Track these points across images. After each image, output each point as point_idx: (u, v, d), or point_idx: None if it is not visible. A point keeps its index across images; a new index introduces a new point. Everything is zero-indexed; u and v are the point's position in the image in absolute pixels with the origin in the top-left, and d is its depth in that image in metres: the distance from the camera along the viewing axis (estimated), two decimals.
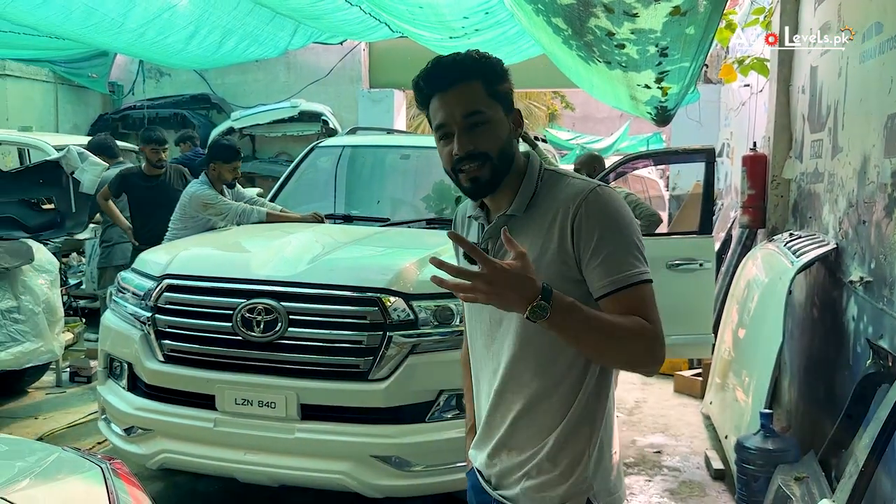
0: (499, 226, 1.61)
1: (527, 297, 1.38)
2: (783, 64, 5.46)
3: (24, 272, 5.00)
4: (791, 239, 4.59)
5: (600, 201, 1.55)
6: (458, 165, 1.58)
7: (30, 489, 1.56)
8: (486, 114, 1.58)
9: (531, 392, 1.61)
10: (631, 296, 1.53)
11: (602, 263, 1.52)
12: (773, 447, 3.58)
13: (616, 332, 1.48)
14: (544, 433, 1.62)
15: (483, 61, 1.61)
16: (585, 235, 1.53)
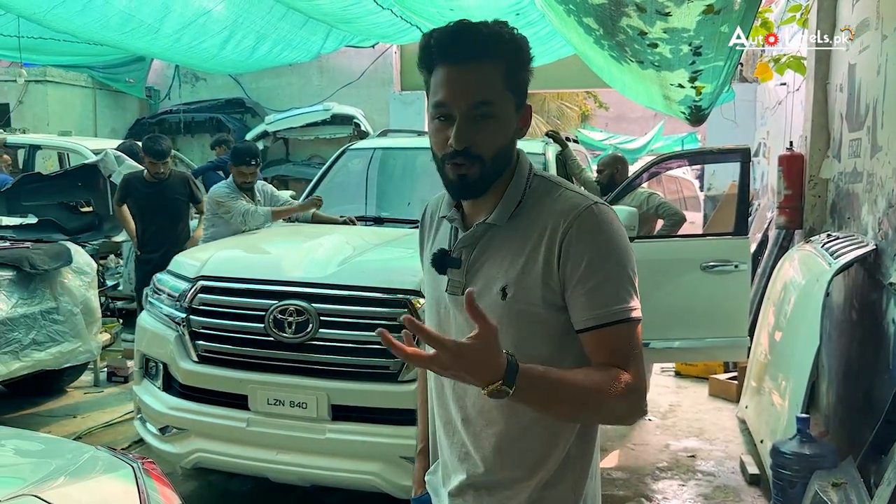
0: (476, 235, 1.44)
1: (487, 379, 1.20)
2: (820, 62, 5.37)
3: (62, 274, 5.10)
4: (829, 240, 4.51)
5: (595, 221, 1.37)
6: (449, 158, 1.38)
7: (63, 488, 1.59)
8: (496, 107, 1.36)
9: (501, 429, 1.44)
10: (616, 335, 1.36)
11: (588, 293, 1.35)
12: (810, 452, 3.51)
13: (590, 399, 1.31)
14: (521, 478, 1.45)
15: (512, 42, 1.39)
16: (574, 258, 1.35)
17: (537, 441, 1.44)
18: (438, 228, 1.57)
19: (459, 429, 1.49)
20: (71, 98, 11.41)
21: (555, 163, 4.83)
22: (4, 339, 4.61)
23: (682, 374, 6.57)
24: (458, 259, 1.46)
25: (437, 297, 1.52)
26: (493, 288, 1.41)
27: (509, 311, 1.38)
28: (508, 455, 1.45)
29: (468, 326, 1.34)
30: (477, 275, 1.44)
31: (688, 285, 4.67)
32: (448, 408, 1.51)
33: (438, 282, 1.51)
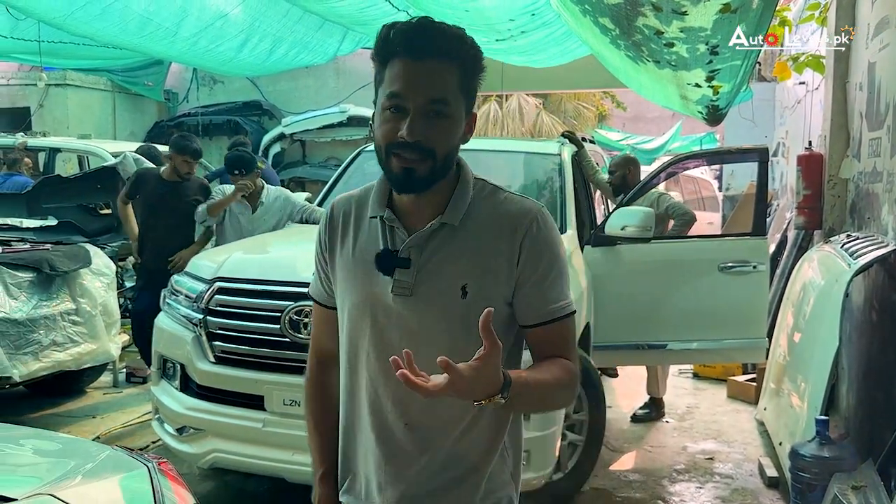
0: (429, 235, 1.43)
1: (488, 393, 1.24)
2: (839, 60, 5.31)
3: (81, 275, 5.14)
4: (848, 240, 4.46)
5: (548, 225, 1.45)
6: (397, 149, 1.36)
7: (79, 487, 1.60)
8: (451, 107, 1.38)
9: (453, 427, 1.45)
10: (561, 328, 1.45)
11: (545, 291, 1.43)
12: (830, 455, 3.48)
13: (556, 393, 1.41)
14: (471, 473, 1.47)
15: (469, 46, 1.40)
16: (533, 258, 1.42)
17: (486, 432, 1.47)
18: (359, 229, 1.51)
19: (400, 436, 1.46)
20: (90, 101, 11.52)
21: (570, 164, 4.81)
22: (25, 340, 4.66)
23: (700, 375, 6.53)
24: (408, 259, 1.43)
25: (371, 300, 1.45)
26: (453, 287, 1.41)
27: (469, 309, 1.38)
28: (460, 452, 1.46)
29: (417, 329, 1.41)
30: (430, 275, 1.42)
31: (706, 286, 4.64)
32: (383, 416, 1.46)
33: (374, 283, 1.45)
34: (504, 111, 20.35)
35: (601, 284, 4.42)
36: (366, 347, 1.47)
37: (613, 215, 4.51)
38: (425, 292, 1.41)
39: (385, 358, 1.40)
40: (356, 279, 1.48)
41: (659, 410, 5.46)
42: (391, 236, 1.45)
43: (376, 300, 1.45)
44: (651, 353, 4.80)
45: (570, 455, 3.94)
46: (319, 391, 1.63)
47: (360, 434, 1.51)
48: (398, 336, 1.43)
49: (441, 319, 1.41)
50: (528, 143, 7.03)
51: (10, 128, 10.50)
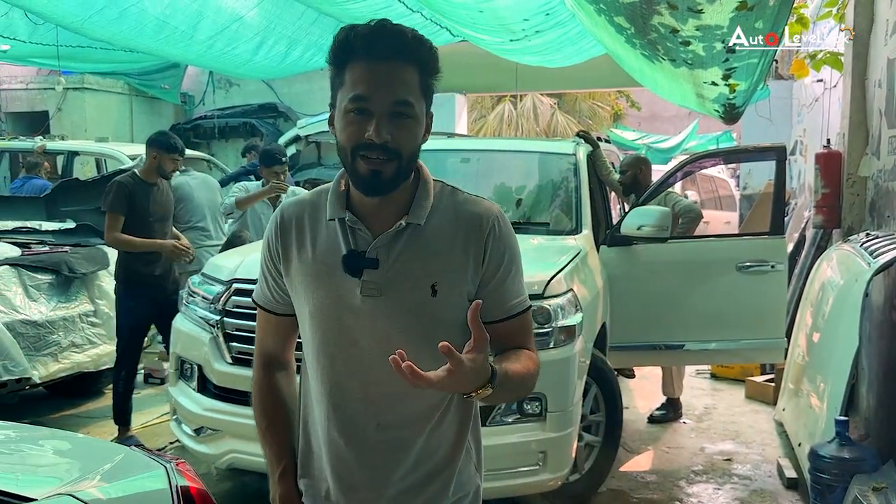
0: (396, 235, 1.44)
1: (478, 385, 1.30)
2: (858, 58, 5.27)
3: (99, 277, 5.19)
4: (868, 239, 4.42)
5: (508, 224, 1.51)
6: (364, 151, 1.36)
7: (97, 487, 1.62)
8: (414, 108, 1.39)
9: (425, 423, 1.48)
10: (522, 321, 1.52)
11: (506, 288, 1.49)
12: (850, 456, 3.44)
13: (522, 383, 1.45)
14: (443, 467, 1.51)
15: (426, 47, 1.41)
16: (496, 258, 1.47)
17: (453, 428, 1.52)
18: (316, 232, 1.49)
19: (371, 436, 1.46)
20: (108, 104, 11.62)
21: (585, 163, 4.80)
22: (44, 342, 4.71)
23: (717, 376, 6.48)
24: (376, 260, 1.43)
25: (337, 302, 1.44)
26: (422, 286, 1.43)
27: (439, 307, 1.44)
28: (430, 449, 1.49)
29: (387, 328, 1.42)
30: (399, 275, 1.43)
31: (723, 286, 4.61)
32: (352, 418, 1.46)
33: (338, 286, 1.44)
34: (518, 111, 20.34)
35: (617, 284, 4.40)
36: (331, 350, 1.46)
37: (629, 215, 4.49)
38: (395, 292, 1.42)
39: (353, 360, 1.44)
40: (318, 282, 1.46)
41: (676, 411, 5.43)
42: (353, 238, 1.45)
43: (342, 302, 1.44)
44: (668, 354, 4.78)
45: (587, 456, 3.92)
46: (269, 393, 1.61)
47: (325, 437, 1.49)
48: (367, 337, 1.43)
49: (412, 318, 1.43)
50: (543, 143, 7.02)
51: (29, 131, 10.62)
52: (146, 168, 4.74)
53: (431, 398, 1.46)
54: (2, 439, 2.08)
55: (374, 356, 1.42)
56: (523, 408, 3.29)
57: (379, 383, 1.44)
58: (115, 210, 4.54)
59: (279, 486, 1.59)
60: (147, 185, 4.66)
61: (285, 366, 1.63)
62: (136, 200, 4.58)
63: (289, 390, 1.62)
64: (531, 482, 3.32)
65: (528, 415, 3.31)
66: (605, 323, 4.19)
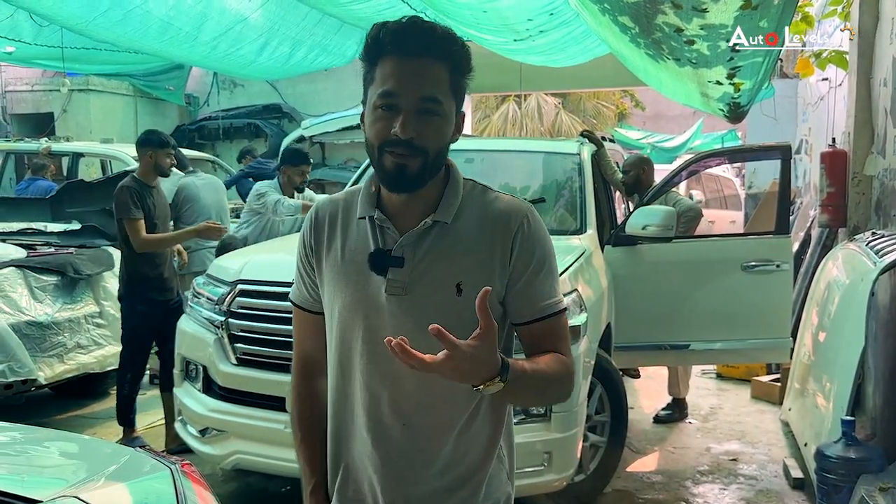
0: (422, 233, 1.43)
1: (486, 376, 1.25)
2: (863, 56, 5.25)
3: (105, 279, 5.20)
4: (874, 238, 4.40)
5: (539, 223, 1.47)
6: (390, 147, 1.36)
7: (102, 489, 1.62)
8: (442, 105, 1.38)
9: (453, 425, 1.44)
10: (554, 324, 1.46)
11: (534, 288, 1.44)
12: (856, 456, 3.43)
13: (552, 385, 1.41)
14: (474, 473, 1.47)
15: (458, 46, 1.40)
16: (524, 257, 1.43)
17: (484, 431, 1.47)
18: (347, 230, 1.49)
19: (397, 437, 1.44)
20: (113, 106, 11.65)
21: (590, 163, 4.79)
22: (49, 343, 4.72)
23: (723, 376, 6.47)
24: (401, 258, 1.42)
25: (364, 301, 1.44)
26: (447, 285, 1.41)
27: (465, 307, 1.37)
28: (460, 453, 1.45)
29: (412, 328, 1.37)
30: (424, 273, 1.42)
31: (728, 286, 4.60)
32: (379, 418, 1.44)
33: (366, 284, 1.44)
34: (523, 111, 20.33)
35: (622, 284, 4.39)
36: (358, 349, 1.45)
37: (634, 214, 4.48)
38: (420, 291, 1.41)
39: (379, 359, 1.42)
40: (347, 280, 1.46)
41: (682, 411, 5.41)
42: (382, 236, 1.45)
43: (368, 300, 1.43)
44: (673, 354, 4.77)
45: (593, 456, 3.92)
46: (307, 401, 1.59)
47: (354, 438, 1.48)
48: (392, 335, 1.36)
49: (436, 317, 1.35)
50: (547, 142, 7.01)
51: (35, 133, 10.65)
52: (143, 170, 4.66)
53: (458, 400, 1.42)
54: (7, 441, 2.08)
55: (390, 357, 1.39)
56: (528, 408, 3.29)
57: (404, 383, 1.42)
58: (134, 215, 4.47)
59: (311, 498, 1.57)
60: (148, 188, 4.62)
61: (324, 370, 1.57)
62: (144, 204, 4.54)
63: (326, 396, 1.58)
64: (536, 483, 3.32)
65: (533, 415, 3.30)
66: (609, 323, 4.18)
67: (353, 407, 1.47)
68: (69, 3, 6.12)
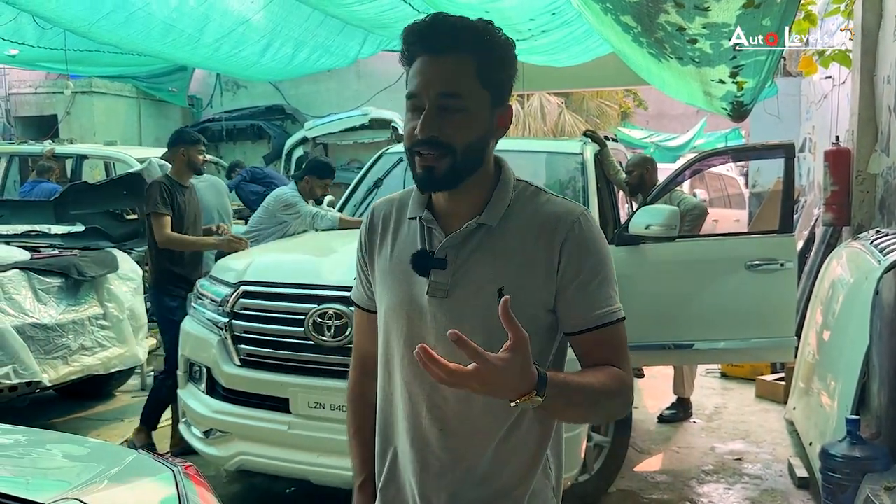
0: (466, 235, 1.39)
1: (521, 391, 1.18)
2: (866, 54, 5.23)
3: (109, 280, 5.20)
4: (878, 236, 4.39)
5: (592, 228, 1.40)
6: (417, 147, 1.33)
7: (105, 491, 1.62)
8: (465, 100, 1.33)
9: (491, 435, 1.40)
10: (610, 334, 1.38)
11: (589, 295, 1.37)
12: (861, 455, 3.42)
13: (600, 400, 1.32)
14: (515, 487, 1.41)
15: (487, 36, 1.34)
16: (575, 262, 1.36)
17: (528, 443, 1.41)
18: (398, 231, 1.48)
19: (434, 442, 1.41)
20: (116, 108, 11.68)
21: (593, 162, 4.78)
22: (54, 345, 4.72)
23: (727, 375, 6.46)
24: (444, 260, 1.39)
25: (407, 302, 1.42)
26: (487, 289, 1.36)
27: None
28: (500, 464, 1.40)
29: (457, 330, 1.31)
30: (466, 276, 1.38)
31: (732, 285, 4.58)
32: (418, 421, 1.42)
33: (411, 285, 1.42)
34: (526, 111, 20.30)
35: (625, 284, 4.32)
36: (400, 350, 1.43)
37: (637, 214, 4.47)
38: (461, 294, 1.37)
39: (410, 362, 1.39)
40: (394, 281, 1.45)
41: (686, 411, 5.40)
42: (429, 237, 1.42)
43: (412, 302, 1.41)
44: (677, 353, 4.75)
45: (597, 456, 3.91)
46: (361, 398, 1.59)
47: (397, 438, 1.47)
48: (433, 338, 1.38)
49: (477, 322, 1.35)
50: (550, 142, 7.01)
51: (39, 135, 10.68)
52: (177, 169, 4.68)
53: (497, 410, 1.35)
54: (11, 443, 2.08)
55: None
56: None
57: (442, 388, 1.34)
58: (161, 210, 4.47)
59: (359, 495, 1.58)
60: (181, 188, 4.63)
61: None
62: (174, 202, 4.55)
63: None
64: None
65: None
66: None
67: (396, 408, 1.46)
68: (72, 6, 6.13)
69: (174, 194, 4.56)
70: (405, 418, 1.44)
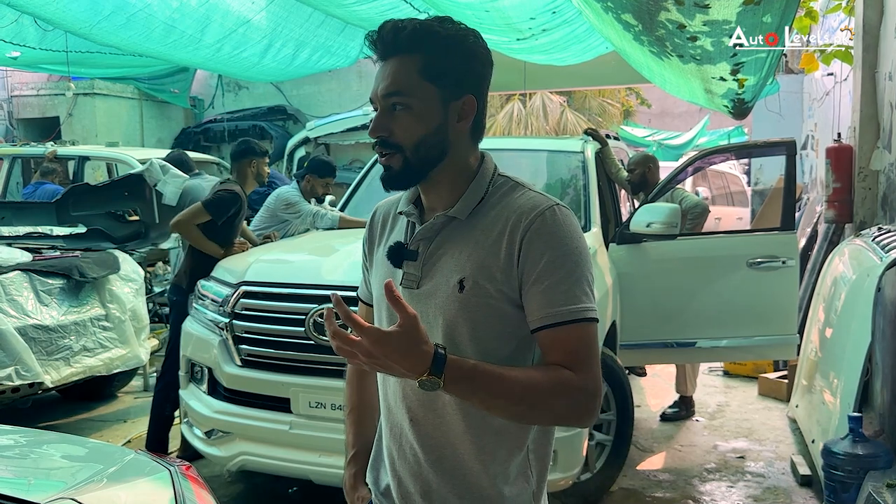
0: (435, 228, 1.43)
1: (415, 370, 1.20)
2: (868, 50, 5.21)
3: (111, 281, 5.21)
4: (880, 233, 4.38)
5: (557, 221, 1.36)
6: (376, 148, 1.41)
7: (101, 491, 1.62)
8: (408, 98, 1.36)
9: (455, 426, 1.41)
10: (571, 334, 1.33)
11: (545, 291, 1.33)
12: (864, 452, 3.41)
13: (526, 396, 1.29)
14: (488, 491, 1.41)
15: (428, 33, 1.36)
16: (533, 256, 1.34)
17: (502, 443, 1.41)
18: (394, 227, 1.54)
19: (406, 432, 1.44)
20: (118, 109, 11.69)
21: (594, 161, 4.78)
22: (56, 346, 4.73)
23: (730, 373, 6.45)
24: (415, 252, 1.43)
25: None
26: (451, 280, 1.38)
27: (466, 303, 1.36)
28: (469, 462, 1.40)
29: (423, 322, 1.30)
30: (434, 267, 1.42)
31: (734, 283, 4.58)
32: (394, 410, 1.46)
33: (392, 277, 1.44)
34: (528, 110, 20.30)
35: (627, 282, 4.38)
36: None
37: (639, 212, 4.47)
38: (428, 285, 1.41)
39: None
40: (381, 274, 1.50)
41: (689, 409, 5.40)
42: (411, 230, 1.47)
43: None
44: (680, 352, 4.75)
45: (598, 455, 3.91)
46: (356, 380, 1.67)
47: (384, 427, 1.53)
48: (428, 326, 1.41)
49: (439, 313, 1.39)
50: (551, 141, 7.00)
51: (41, 137, 10.70)
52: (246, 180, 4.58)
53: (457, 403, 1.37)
54: (9, 444, 2.08)
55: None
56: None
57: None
58: (210, 210, 4.38)
59: (346, 469, 1.65)
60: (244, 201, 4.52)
61: None
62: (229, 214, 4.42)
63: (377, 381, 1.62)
64: None
65: None
66: (615, 321, 4.17)
67: (382, 398, 1.52)
68: (73, 8, 6.14)
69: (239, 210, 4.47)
70: (385, 408, 1.50)
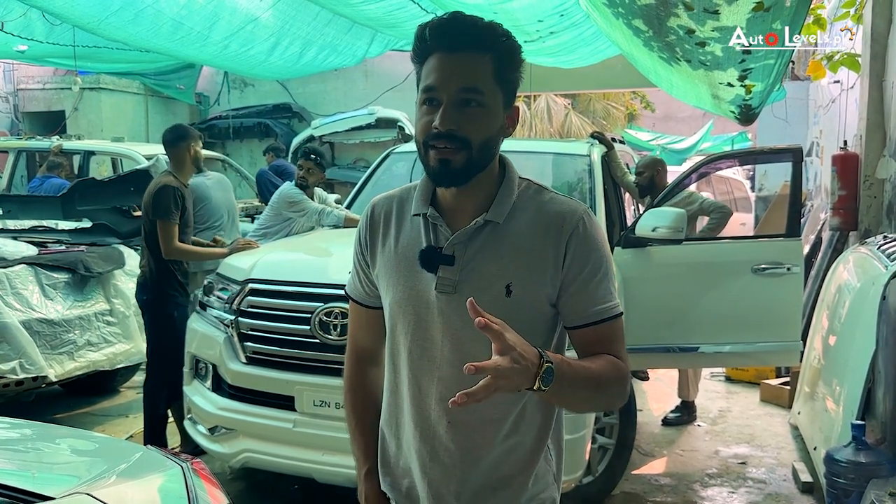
0: (473, 232, 1.42)
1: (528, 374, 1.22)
2: (875, 58, 5.22)
3: (115, 276, 5.22)
4: (885, 241, 4.38)
5: (594, 226, 1.44)
6: (433, 141, 1.35)
7: (114, 486, 1.63)
8: (484, 96, 1.36)
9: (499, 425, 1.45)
10: (609, 329, 1.43)
11: (588, 292, 1.41)
12: (866, 460, 3.41)
13: (601, 386, 1.36)
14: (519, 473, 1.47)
15: (503, 38, 1.38)
16: (579, 260, 1.40)
17: (532, 432, 1.47)
18: (401, 227, 1.50)
19: (442, 434, 1.45)
20: (124, 104, 11.70)
21: (600, 164, 4.78)
22: (60, 341, 4.74)
23: (732, 379, 6.45)
24: (452, 256, 1.42)
25: (414, 297, 1.45)
26: (494, 286, 1.40)
27: (515, 308, 1.39)
28: (506, 452, 1.45)
29: (460, 326, 1.37)
30: (474, 272, 1.41)
31: (738, 288, 4.57)
32: (426, 414, 1.46)
33: (417, 281, 1.44)
34: (532, 112, 20.30)
35: (631, 286, 4.38)
36: (408, 344, 1.46)
37: (644, 216, 4.46)
38: (469, 290, 1.38)
39: (427, 355, 1.43)
40: (398, 276, 1.47)
41: (691, 414, 5.40)
42: (434, 234, 1.45)
43: (418, 297, 1.44)
44: (683, 356, 4.75)
45: (601, 459, 3.91)
46: (360, 390, 1.63)
47: (403, 431, 1.50)
48: (440, 333, 1.42)
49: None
50: (557, 143, 7.00)
51: (46, 131, 10.71)
52: (184, 167, 4.42)
53: (502, 401, 1.40)
54: (20, 437, 2.09)
55: (445, 353, 1.42)
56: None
57: (449, 381, 1.41)
58: (173, 219, 4.19)
59: (365, 483, 1.61)
60: (184, 189, 4.37)
61: (377, 361, 1.61)
62: (183, 208, 4.29)
63: (379, 386, 1.61)
64: None
65: None
66: None
67: (403, 401, 1.50)
68: (81, 2, 6.15)
69: (184, 199, 4.31)
70: (413, 411, 1.47)
